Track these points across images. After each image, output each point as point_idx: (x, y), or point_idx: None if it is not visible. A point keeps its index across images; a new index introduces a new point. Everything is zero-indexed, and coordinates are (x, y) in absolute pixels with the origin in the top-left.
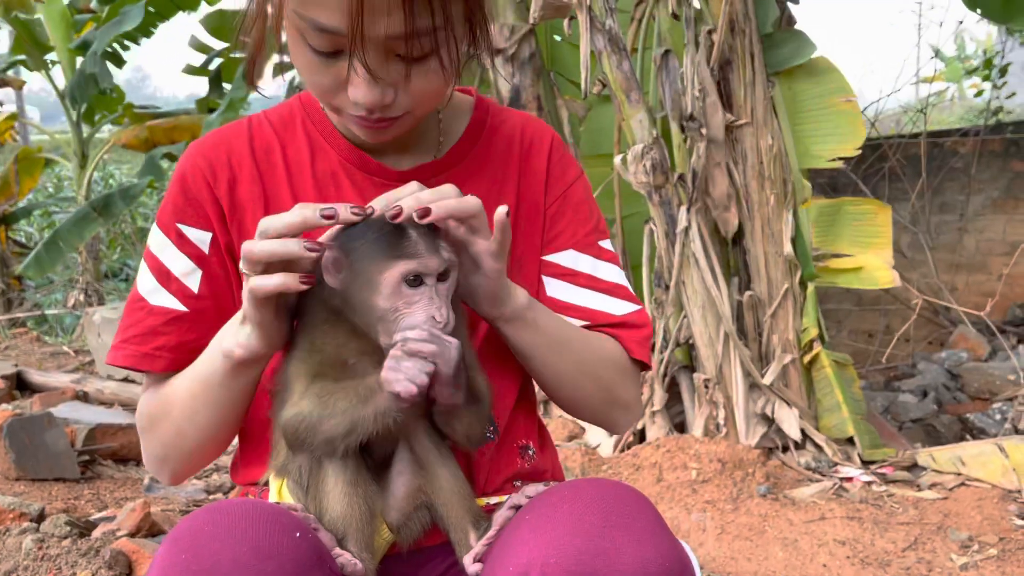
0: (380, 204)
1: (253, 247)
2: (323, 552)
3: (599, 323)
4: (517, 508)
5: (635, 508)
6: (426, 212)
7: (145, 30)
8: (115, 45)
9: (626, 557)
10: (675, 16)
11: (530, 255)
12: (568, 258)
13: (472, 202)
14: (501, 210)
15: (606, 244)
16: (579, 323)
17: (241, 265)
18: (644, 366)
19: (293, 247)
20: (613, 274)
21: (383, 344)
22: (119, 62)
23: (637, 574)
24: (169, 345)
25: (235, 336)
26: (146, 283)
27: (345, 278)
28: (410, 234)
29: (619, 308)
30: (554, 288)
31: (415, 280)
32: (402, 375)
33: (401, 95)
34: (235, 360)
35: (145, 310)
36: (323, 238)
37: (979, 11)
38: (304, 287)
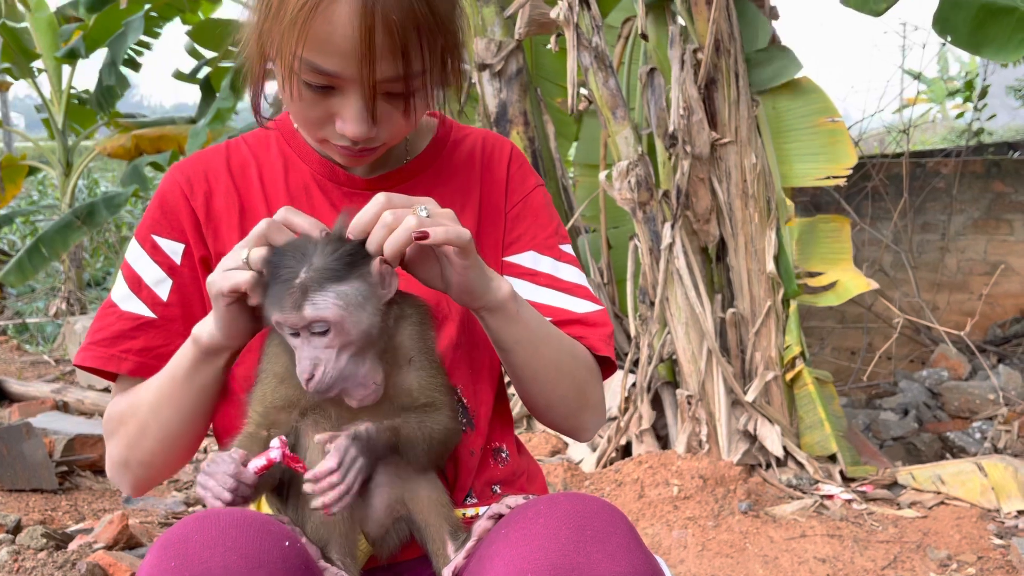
0: (354, 230)
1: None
2: (311, 562)
3: (560, 319)
4: (496, 518)
5: (610, 523)
6: (424, 235)
7: (150, 31)
8: (130, 51)
9: (600, 572)
10: (644, 37)
11: (493, 256)
12: (529, 259)
13: (465, 234)
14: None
15: (567, 248)
16: None
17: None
18: (609, 364)
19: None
20: (573, 275)
21: None
22: (136, 66)
23: None
24: (135, 348)
25: (203, 324)
26: (119, 290)
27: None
28: (292, 284)
29: (580, 306)
30: (516, 287)
31: (289, 330)
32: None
33: (383, 129)
34: (200, 346)
35: (115, 315)
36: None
37: (949, 39)
38: (252, 298)
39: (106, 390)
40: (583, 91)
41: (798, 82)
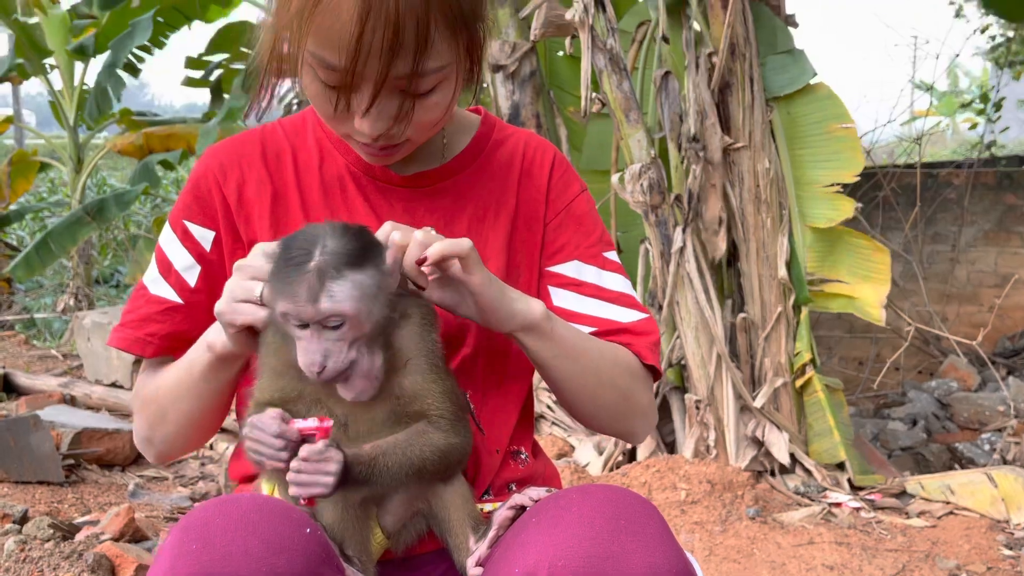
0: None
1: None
2: (331, 550)
3: (606, 330)
4: (518, 509)
5: (644, 515)
6: (422, 260)
7: (156, 40)
8: (129, 56)
9: (635, 562)
10: (665, 39)
11: (528, 264)
12: (572, 269)
13: (465, 242)
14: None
15: (611, 255)
16: (587, 330)
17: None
18: (655, 372)
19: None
20: (618, 284)
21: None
22: (135, 72)
23: None
24: (160, 333)
25: (218, 331)
26: (150, 273)
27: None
28: (305, 276)
29: (625, 316)
30: (560, 298)
31: (297, 321)
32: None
33: (405, 126)
34: (215, 354)
35: (144, 298)
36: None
37: (993, 11)
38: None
39: (113, 384)
40: (595, 95)
41: (814, 88)
